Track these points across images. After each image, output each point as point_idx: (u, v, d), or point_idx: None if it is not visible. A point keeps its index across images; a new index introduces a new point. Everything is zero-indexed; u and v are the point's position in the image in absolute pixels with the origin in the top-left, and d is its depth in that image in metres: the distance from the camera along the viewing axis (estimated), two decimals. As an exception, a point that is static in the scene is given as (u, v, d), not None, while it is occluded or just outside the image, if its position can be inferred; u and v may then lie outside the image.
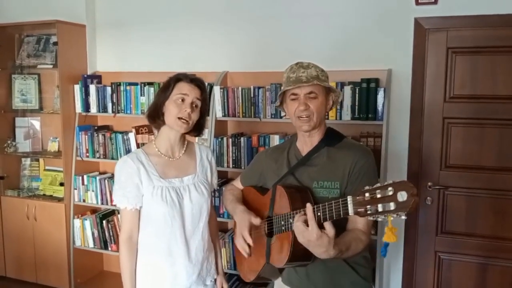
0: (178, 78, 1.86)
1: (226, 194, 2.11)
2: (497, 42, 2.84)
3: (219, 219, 3.15)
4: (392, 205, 1.24)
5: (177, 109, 1.81)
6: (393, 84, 2.98)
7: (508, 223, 2.95)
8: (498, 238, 2.97)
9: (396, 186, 1.25)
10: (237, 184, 2.14)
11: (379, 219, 1.30)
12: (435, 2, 2.88)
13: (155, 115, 1.88)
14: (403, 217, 1.26)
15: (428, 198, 3.07)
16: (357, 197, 1.35)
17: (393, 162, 3.06)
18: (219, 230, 3.29)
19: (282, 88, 1.77)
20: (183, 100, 1.82)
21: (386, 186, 1.27)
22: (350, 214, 1.37)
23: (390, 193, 1.25)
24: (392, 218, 1.27)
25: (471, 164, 2.98)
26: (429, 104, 3.01)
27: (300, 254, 1.60)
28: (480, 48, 2.88)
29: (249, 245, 1.81)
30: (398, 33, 2.99)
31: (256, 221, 1.77)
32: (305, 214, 1.48)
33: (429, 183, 3.06)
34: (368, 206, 1.30)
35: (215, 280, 2.08)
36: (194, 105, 1.84)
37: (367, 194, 1.32)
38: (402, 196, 1.23)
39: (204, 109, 1.92)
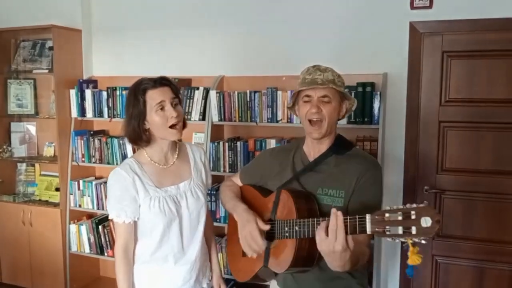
0: (143, 88, 1.72)
1: (224, 190, 2.03)
2: (492, 45, 2.85)
3: (215, 223, 3.15)
4: (414, 229, 1.23)
5: (163, 119, 1.72)
6: (389, 88, 2.98)
7: (505, 226, 2.95)
8: (495, 242, 2.97)
9: (420, 210, 1.24)
10: (236, 180, 2.07)
11: (397, 241, 1.29)
12: (430, 6, 2.89)
13: (138, 138, 1.76)
14: (423, 242, 1.25)
15: (425, 202, 3.04)
16: (377, 216, 1.32)
17: (389, 166, 3.06)
18: (216, 235, 3.29)
19: (296, 88, 1.73)
20: (162, 108, 1.72)
21: (409, 209, 1.25)
22: (368, 232, 1.33)
23: (413, 216, 1.24)
24: (411, 241, 1.26)
25: (468, 168, 2.98)
26: (425, 107, 3.01)
27: (301, 262, 1.58)
28: (475, 51, 2.89)
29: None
30: (394, 37, 2.99)
31: (265, 227, 1.70)
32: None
33: (426, 187, 3.06)
34: (387, 227, 1.28)
35: (211, 279, 2.06)
36: (174, 105, 1.75)
37: (387, 215, 1.29)
38: (426, 221, 1.22)
39: (181, 101, 1.83)
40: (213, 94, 3.16)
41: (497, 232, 2.96)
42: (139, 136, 1.76)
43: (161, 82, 1.75)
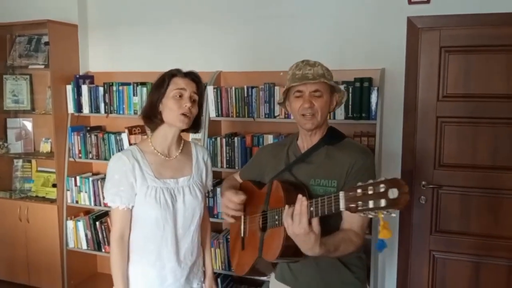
0: (172, 73, 1.80)
1: (223, 184, 2.13)
2: (490, 40, 2.85)
3: (213, 219, 3.14)
4: (383, 202, 1.24)
5: (177, 105, 1.76)
6: (386, 84, 2.98)
7: (501, 221, 2.96)
8: (492, 237, 2.98)
9: (387, 183, 1.24)
10: (237, 177, 2.14)
11: (370, 216, 1.30)
12: (428, 1, 2.89)
13: (152, 115, 1.81)
14: (393, 215, 1.26)
15: (422, 197, 3.07)
16: (350, 193, 1.34)
17: (387, 161, 3.06)
18: (213, 230, 3.29)
19: (287, 84, 1.75)
20: (181, 95, 1.77)
21: (378, 182, 1.26)
22: (341, 209, 1.35)
23: (382, 189, 1.24)
24: (382, 215, 1.27)
25: (465, 163, 2.99)
26: (423, 103, 3.01)
27: (291, 250, 1.59)
28: (473, 46, 2.89)
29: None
30: (391, 32, 2.98)
31: (241, 196, 1.83)
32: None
33: (423, 182, 3.06)
34: (360, 202, 1.30)
35: (203, 282, 2.06)
36: (192, 100, 1.80)
37: (359, 190, 1.31)
38: (393, 193, 1.22)
39: (201, 103, 1.88)
40: (210, 90, 3.15)
41: (494, 227, 2.97)
42: (154, 114, 1.81)
43: (192, 76, 1.83)
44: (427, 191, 3.07)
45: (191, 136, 3.32)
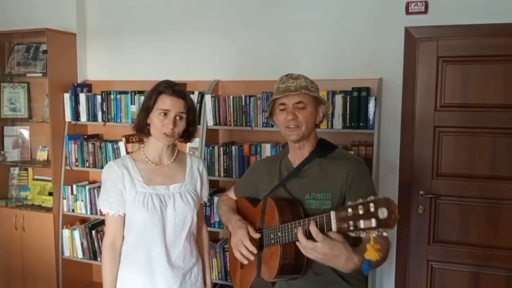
0: (159, 90, 1.82)
1: (220, 205, 2.08)
2: (488, 51, 2.86)
3: (210, 228, 3.12)
4: (373, 222, 1.23)
5: (160, 123, 1.80)
6: (384, 93, 2.99)
7: (500, 231, 2.94)
8: (490, 247, 2.97)
9: (377, 202, 1.24)
10: (231, 194, 2.12)
11: (362, 236, 1.28)
12: (426, 12, 2.90)
13: (140, 128, 1.88)
14: (385, 234, 1.24)
15: (420, 207, 3.06)
16: (340, 213, 1.32)
17: (384, 170, 3.06)
18: (210, 239, 3.26)
19: (271, 98, 1.77)
20: (165, 114, 1.80)
21: (368, 202, 1.26)
22: (333, 230, 1.34)
23: (372, 209, 1.24)
24: (374, 235, 1.26)
25: (463, 173, 2.98)
26: (420, 113, 3.02)
27: (289, 268, 1.58)
28: (470, 57, 2.90)
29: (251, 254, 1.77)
30: (389, 42, 3.00)
31: (256, 235, 1.73)
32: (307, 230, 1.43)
33: (421, 192, 3.06)
34: (351, 222, 1.29)
35: None
36: (177, 118, 1.82)
37: (350, 210, 1.30)
38: (383, 213, 1.21)
39: (193, 117, 1.90)
40: (208, 99, 3.15)
41: (492, 237, 2.96)
42: (142, 127, 1.88)
43: (178, 93, 1.83)
44: (425, 201, 3.06)
45: (188, 145, 3.32)
